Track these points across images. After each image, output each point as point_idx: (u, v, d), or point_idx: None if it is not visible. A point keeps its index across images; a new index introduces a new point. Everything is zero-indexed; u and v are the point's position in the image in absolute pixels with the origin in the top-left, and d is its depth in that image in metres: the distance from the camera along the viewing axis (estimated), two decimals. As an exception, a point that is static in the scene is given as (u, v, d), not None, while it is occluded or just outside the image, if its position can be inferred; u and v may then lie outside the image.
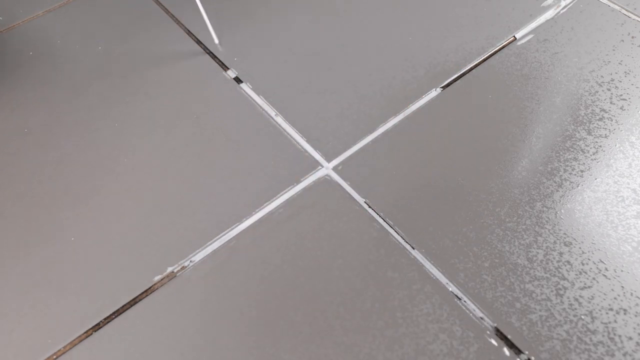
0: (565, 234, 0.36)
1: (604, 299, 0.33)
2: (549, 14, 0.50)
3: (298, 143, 0.41)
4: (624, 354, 0.31)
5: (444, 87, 0.44)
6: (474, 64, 0.46)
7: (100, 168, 0.39)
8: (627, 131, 0.41)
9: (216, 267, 0.34)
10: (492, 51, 0.47)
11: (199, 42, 0.47)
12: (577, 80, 0.45)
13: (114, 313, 0.32)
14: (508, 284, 0.34)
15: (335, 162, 0.40)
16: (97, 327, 0.32)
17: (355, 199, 0.38)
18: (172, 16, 0.50)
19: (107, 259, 0.34)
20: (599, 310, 0.33)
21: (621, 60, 0.46)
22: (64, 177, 0.38)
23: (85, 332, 0.32)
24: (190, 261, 0.35)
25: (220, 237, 0.36)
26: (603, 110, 0.43)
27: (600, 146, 0.40)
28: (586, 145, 0.40)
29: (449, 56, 0.46)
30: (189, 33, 0.48)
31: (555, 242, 0.35)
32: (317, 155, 0.40)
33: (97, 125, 0.41)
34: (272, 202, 0.37)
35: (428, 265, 0.34)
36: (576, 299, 0.33)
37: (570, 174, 0.39)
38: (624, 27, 0.49)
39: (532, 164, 0.39)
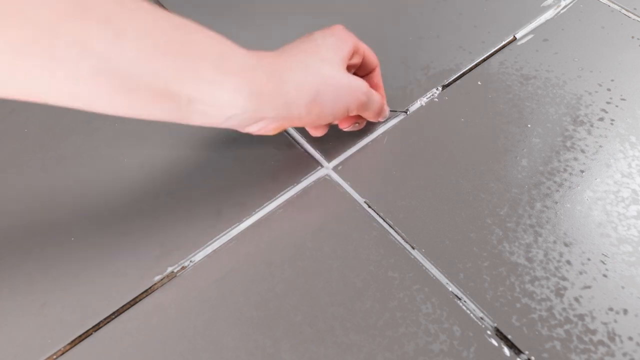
0: (565, 234, 0.36)
1: (604, 299, 0.33)
2: (549, 14, 0.50)
3: (298, 143, 0.41)
4: (624, 354, 0.31)
5: (444, 87, 0.44)
6: (474, 64, 0.46)
7: (101, 168, 0.39)
8: (627, 131, 0.41)
9: (216, 267, 0.34)
10: (492, 51, 0.47)
11: (199, 42, 0.47)
12: (577, 80, 0.45)
13: (114, 313, 0.32)
14: (508, 284, 0.34)
15: (335, 162, 0.40)
16: (97, 327, 0.32)
17: (355, 199, 0.38)
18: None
19: (107, 259, 0.34)
20: (599, 310, 0.33)
21: (621, 60, 0.46)
22: (64, 177, 0.38)
23: (85, 332, 0.32)
24: (190, 261, 0.35)
25: (220, 237, 0.36)
26: (603, 110, 0.43)
27: (601, 146, 0.40)
28: (586, 145, 0.40)
29: (449, 56, 0.46)
30: (189, 33, 0.48)
31: (555, 242, 0.35)
32: (317, 155, 0.40)
33: (96, 125, 0.41)
34: (272, 202, 0.37)
35: (428, 265, 0.35)
36: (576, 299, 0.33)
37: (570, 174, 0.39)
38: (624, 27, 0.49)
39: (532, 164, 0.39)
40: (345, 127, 0.38)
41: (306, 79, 0.30)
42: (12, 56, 0.22)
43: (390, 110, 0.41)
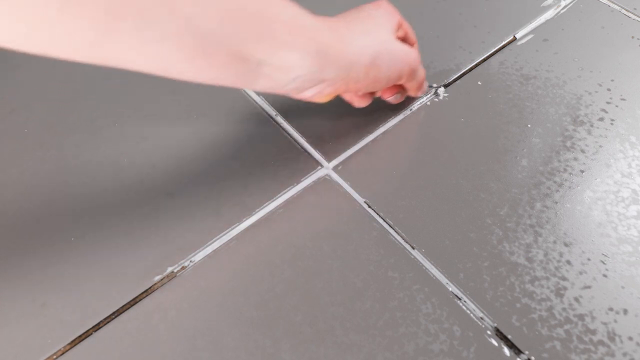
0: (565, 234, 0.36)
1: (604, 299, 0.33)
2: (549, 14, 0.50)
3: (298, 143, 0.41)
4: (624, 354, 0.31)
5: (443, 87, 0.44)
6: (474, 64, 0.46)
7: (101, 168, 0.39)
8: (627, 131, 0.41)
9: (216, 267, 0.34)
10: (492, 51, 0.47)
11: (199, 42, 0.47)
12: (577, 80, 0.45)
13: (114, 313, 0.32)
14: (508, 284, 0.34)
15: (335, 162, 0.40)
16: (97, 327, 0.32)
17: (355, 199, 0.38)
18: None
19: (107, 259, 0.34)
20: (599, 310, 0.33)
21: (621, 60, 0.46)
22: (64, 177, 0.38)
23: (85, 332, 0.32)
24: (190, 261, 0.35)
25: (220, 237, 0.36)
26: (603, 110, 0.43)
27: (601, 146, 0.40)
28: (586, 145, 0.40)
29: (449, 56, 0.46)
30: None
31: (555, 242, 0.35)
32: (317, 155, 0.40)
33: (97, 125, 0.41)
34: (272, 202, 0.37)
35: (428, 265, 0.35)
36: (576, 299, 0.33)
37: (570, 174, 0.39)
38: (624, 27, 0.49)
39: (532, 164, 0.39)
40: (389, 96, 0.39)
41: (366, 42, 0.32)
42: (104, 19, 0.22)
43: (429, 86, 0.42)
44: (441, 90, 0.43)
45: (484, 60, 0.46)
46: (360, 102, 0.38)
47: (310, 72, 0.29)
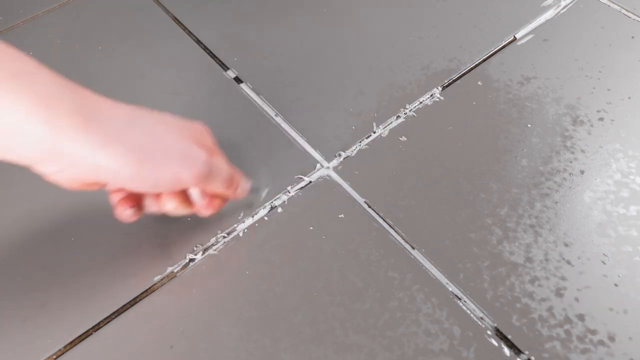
0: (565, 234, 0.36)
1: (604, 299, 0.33)
2: (549, 14, 0.50)
3: (298, 143, 0.41)
4: (624, 354, 0.31)
5: (444, 87, 0.44)
6: (474, 64, 0.46)
7: (100, 168, 0.39)
8: (628, 131, 0.41)
9: (216, 267, 0.34)
10: (492, 51, 0.47)
11: (198, 42, 0.47)
12: (577, 80, 0.45)
13: (114, 313, 0.32)
14: (508, 284, 0.34)
15: (335, 162, 0.40)
16: (97, 327, 0.32)
17: (355, 199, 0.38)
18: (172, 16, 0.50)
19: (107, 259, 0.34)
20: (599, 310, 0.33)
21: (621, 60, 0.46)
22: (64, 177, 0.38)
23: (85, 332, 0.32)
24: (190, 261, 0.35)
25: (220, 237, 0.36)
26: (603, 110, 0.43)
27: (601, 146, 0.40)
28: (586, 145, 0.40)
29: (449, 56, 0.46)
30: (189, 33, 0.48)
31: (555, 242, 0.35)
32: (317, 155, 0.40)
33: (97, 125, 0.41)
34: (272, 202, 0.37)
35: (428, 265, 0.35)
36: (576, 299, 0.33)
37: (570, 174, 0.39)
38: (623, 27, 0.49)
39: (532, 164, 0.39)
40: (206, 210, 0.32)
41: (130, 126, 0.26)
42: None
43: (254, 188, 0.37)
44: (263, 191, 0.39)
45: (484, 60, 0.46)
46: (203, 210, 0.32)
47: (39, 141, 0.23)
